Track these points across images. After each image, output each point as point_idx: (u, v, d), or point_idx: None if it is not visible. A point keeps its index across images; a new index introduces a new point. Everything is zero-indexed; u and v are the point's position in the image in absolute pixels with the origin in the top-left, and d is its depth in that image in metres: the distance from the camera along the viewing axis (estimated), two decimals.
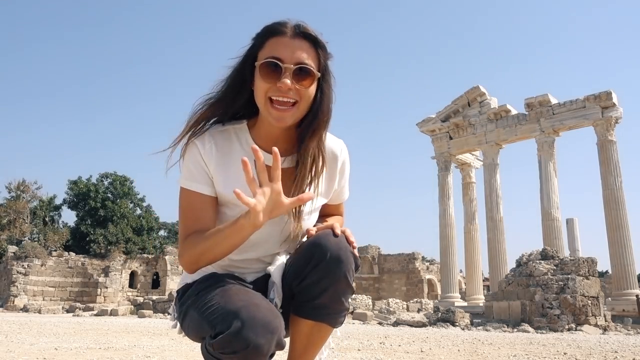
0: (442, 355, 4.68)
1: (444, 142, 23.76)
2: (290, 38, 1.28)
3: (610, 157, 19.54)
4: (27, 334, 6.89)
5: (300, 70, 1.26)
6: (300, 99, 1.27)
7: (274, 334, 1.10)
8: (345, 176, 1.50)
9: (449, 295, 22.06)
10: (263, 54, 1.28)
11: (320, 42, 1.31)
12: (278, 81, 1.24)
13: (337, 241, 1.26)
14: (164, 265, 32.27)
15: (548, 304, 11.15)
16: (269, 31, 1.30)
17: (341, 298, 1.28)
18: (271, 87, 1.25)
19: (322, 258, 1.24)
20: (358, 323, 12.87)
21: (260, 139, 1.36)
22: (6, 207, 32.99)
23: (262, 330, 1.08)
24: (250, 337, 1.07)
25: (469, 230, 23.40)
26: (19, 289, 25.79)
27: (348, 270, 1.25)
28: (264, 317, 1.10)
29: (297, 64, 1.26)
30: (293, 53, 1.26)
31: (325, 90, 1.33)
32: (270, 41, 1.28)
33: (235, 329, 1.08)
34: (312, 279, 1.25)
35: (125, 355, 4.20)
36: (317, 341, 1.36)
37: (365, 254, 32.49)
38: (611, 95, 19.61)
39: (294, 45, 1.27)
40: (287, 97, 1.25)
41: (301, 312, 1.30)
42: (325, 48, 1.32)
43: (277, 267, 1.34)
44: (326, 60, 1.32)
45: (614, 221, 18.96)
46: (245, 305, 1.12)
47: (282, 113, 1.26)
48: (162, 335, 7.04)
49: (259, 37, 1.31)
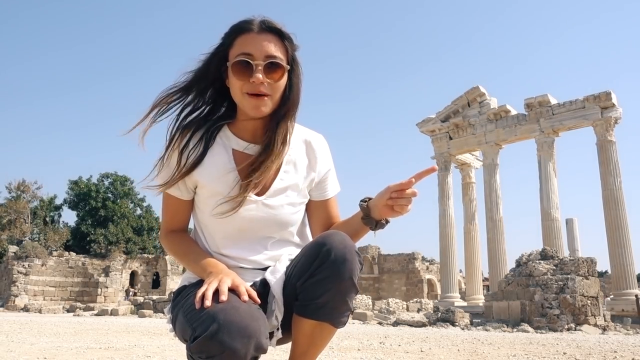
0: (441, 355, 4.69)
1: (443, 142, 23.76)
2: (257, 33, 1.33)
3: (610, 157, 19.54)
4: (27, 334, 6.90)
5: (270, 65, 1.32)
6: (272, 92, 1.34)
7: (251, 338, 1.09)
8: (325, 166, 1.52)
9: (449, 295, 22.07)
10: (233, 52, 1.34)
11: (286, 35, 1.37)
12: (251, 77, 1.31)
13: (342, 240, 1.27)
14: (164, 265, 32.30)
15: (548, 304, 11.16)
16: (237, 29, 1.35)
17: (345, 298, 1.28)
18: (245, 84, 1.32)
19: (327, 257, 1.24)
20: (358, 323, 12.88)
21: (238, 132, 1.44)
22: (6, 207, 33.00)
23: (238, 334, 1.07)
24: (225, 341, 1.06)
25: (469, 230, 23.40)
26: (19, 289, 25.79)
27: (353, 270, 1.26)
28: (241, 321, 1.09)
29: (267, 58, 1.32)
30: (262, 48, 1.32)
31: (294, 80, 1.39)
32: (239, 39, 1.34)
33: (211, 332, 1.07)
34: (316, 278, 1.25)
35: (126, 355, 4.21)
36: (320, 341, 1.35)
37: (365, 254, 32.49)
38: (611, 96, 19.62)
39: (262, 40, 1.33)
40: (260, 91, 1.32)
41: (304, 311, 1.30)
42: (291, 40, 1.38)
43: (277, 279, 1.34)
44: (294, 52, 1.38)
45: (613, 221, 18.96)
46: (224, 308, 1.11)
47: (258, 101, 1.33)
48: (162, 335, 7.06)
49: (228, 36, 1.37)
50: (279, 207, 1.42)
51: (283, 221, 1.44)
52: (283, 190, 1.43)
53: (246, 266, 1.41)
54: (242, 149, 1.42)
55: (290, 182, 1.45)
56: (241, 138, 1.43)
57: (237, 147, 1.43)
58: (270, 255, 1.43)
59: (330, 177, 1.54)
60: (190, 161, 1.38)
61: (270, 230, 1.43)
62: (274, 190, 1.42)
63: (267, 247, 1.43)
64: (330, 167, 1.54)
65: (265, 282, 1.37)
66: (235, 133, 1.44)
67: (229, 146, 1.42)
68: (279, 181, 1.43)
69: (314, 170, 1.50)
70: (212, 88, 1.43)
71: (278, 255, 1.43)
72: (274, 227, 1.43)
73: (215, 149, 1.42)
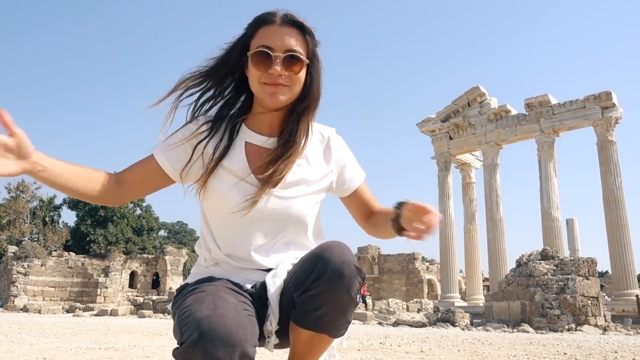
0: (442, 355, 4.68)
1: (444, 142, 23.76)
2: (279, 26, 1.34)
3: (610, 157, 19.54)
4: (27, 334, 6.89)
5: (290, 58, 1.32)
6: (291, 84, 1.34)
7: (235, 347, 1.05)
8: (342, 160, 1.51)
9: (449, 296, 22.07)
10: (255, 42, 1.35)
11: (307, 29, 1.37)
12: (269, 68, 1.31)
13: (341, 254, 1.24)
14: (164, 265, 32.28)
15: (548, 304, 11.15)
16: (259, 20, 1.36)
17: (343, 311, 1.26)
18: (263, 74, 1.33)
19: (323, 271, 1.21)
20: (358, 323, 12.87)
21: (253, 125, 1.44)
22: (6, 207, 32.98)
23: (220, 343, 1.04)
24: (207, 349, 1.04)
25: (469, 230, 23.40)
26: (19, 289, 25.78)
27: (351, 286, 1.23)
28: (224, 329, 1.06)
29: (287, 51, 1.32)
30: (282, 41, 1.32)
31: (314, 75, 1.39)
32: (261, 30, 1.35)
33: (194, 340, 1.05)
34: (313, 291, 1.23)
35: (125, 355, 4.20)
36: (317, 349, 1.34)
37: (365, 254, 32.52)
38: (611, 96, 19.62)
39: (283, 33, 1.33)
40: (278, 82, 1.32)
41: (302, 322, 1.28)
42: (313, 35, 1.38)
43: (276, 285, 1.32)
44: (314, 47, 1.39)
45: (613, 221, 18.97)
46: (209, 315, 1.09)
47: (275, 88, 1.33)
48: (162, 335, 7.04)
49: (250, 26, 1.38)
50: (290, 199, 1.40)
51: (294, 214, 1.41)
52: (296, 183, 1.41)
53: (249, 267, 1.40)
54: (258, 143, 1.41)
55: (303, 176, 1.43)
56: (256, 132, 1.43)
57: (252, 140, 1.42)
58: (275, 257, 1.41)
59: (349, 168, 1.52)
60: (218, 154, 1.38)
61: (281, 225, 1.40)
62: (286, 183, 1.39)
63: (274, 248, 1.40)
64: (347, 160, 1.52)
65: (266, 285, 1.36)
66: (250, 126, 1.44)
67: (243, 139, 1.42)
68: (292, 174, 1.41)
69: (329, 165, 1.48)
70: (232, 77, 1.43)
71: (283, 257, 1.41)
72: (285, 220, 1.40)
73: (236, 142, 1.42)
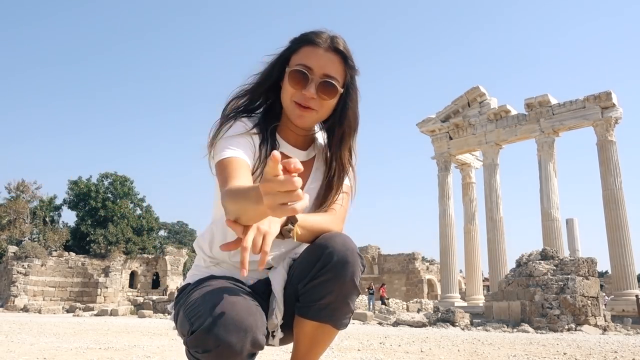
0: (442, 355, 4.68)
1: (443, 142, 23.77)
2: (324, 51, 1.36)
3: (610, 157, 19.54)
4: (27, 334, 6.89)
5: (325, 84, 1.35)
6: (319, 108, 1.37)
7: (247, 332, 1.09)
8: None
9: (449, 296, 22.07)
10: (295, 59, 1.37)
11: (349, 59, 1.39)
12: (304, 89, 1.34)
13: (344, 242, 1.28)
14: (164, 265, 32.29)
15: (548, 304, 11.15)
16: (306, 39, 1.38)
17: (347, 300, 1.29)
18: (296, 93, 1.35)
19: (329, 260, 1.25)
20: (358, 323, 12.88)
21: (282, 133, 1.47)
22: (6, 207, 32.97)
23: (233, 328, 1.08)
24: (220, 335, 1.07)
25: (469, 230, 23.41)
26: (19, 289, 25.79)
27: (354, 272, 1.27)
28: (236, 315, 1.10)
29: (324, 76, 1.35)
30: (322, 65, 1.35)
31: (349, 104, 1.41)
32: (305, 49, 1.37)
33: (207, 326, 1.08)
34: (318, 280, 1.26)
35: (125, 355, 4.20)
36: (321, 342, 1.36)
37: (365, 254, 32.51)
38: (611, 96, 19.62)
39: (325, 58, 1.35)
40: (308, 104, 1.35)
41: (306, 313, 1.30)
42: (353, 66, 1.40)
43: (279, 280, 1.36)
44: (353, 77, 1.41)
45: (613, 221, 18.97)
46: (220, 303, 1.12)
47: (303, 111, 1.36)
48: (162, 335, 7.05)
49: (296, 42, 1.40)
50: None
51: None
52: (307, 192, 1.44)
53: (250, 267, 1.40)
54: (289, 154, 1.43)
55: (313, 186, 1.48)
56: (285, 141, 1.47)
57: (286, 151, 1.45)
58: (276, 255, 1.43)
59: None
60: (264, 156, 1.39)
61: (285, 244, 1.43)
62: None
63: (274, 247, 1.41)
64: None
65: (268, 281, 1.38)
66: (280, 134, 1.47)
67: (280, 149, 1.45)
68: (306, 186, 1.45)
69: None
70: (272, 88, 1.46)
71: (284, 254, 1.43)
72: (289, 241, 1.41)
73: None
